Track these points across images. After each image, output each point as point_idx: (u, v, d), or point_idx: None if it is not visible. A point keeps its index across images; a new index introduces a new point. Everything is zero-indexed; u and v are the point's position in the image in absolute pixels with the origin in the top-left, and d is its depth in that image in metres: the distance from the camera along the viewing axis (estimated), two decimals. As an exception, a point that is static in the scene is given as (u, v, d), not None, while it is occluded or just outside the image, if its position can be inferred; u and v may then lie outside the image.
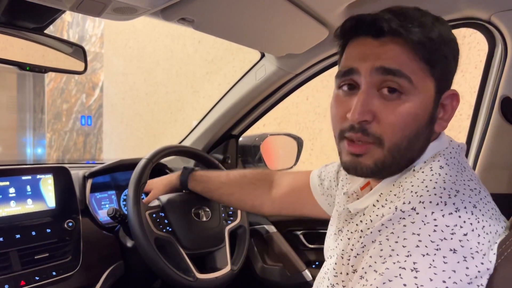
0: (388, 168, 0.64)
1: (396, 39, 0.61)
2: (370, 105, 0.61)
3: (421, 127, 0.63)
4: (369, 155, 0.63)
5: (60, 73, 4.20)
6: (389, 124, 0.61)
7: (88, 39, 4.74)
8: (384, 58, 0.61)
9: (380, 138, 0.62)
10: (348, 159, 0.65)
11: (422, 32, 0.61)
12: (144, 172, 1.13)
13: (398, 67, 0.60)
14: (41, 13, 0.92)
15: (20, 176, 1.08)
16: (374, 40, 0.63)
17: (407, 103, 0.61)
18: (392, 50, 0.61)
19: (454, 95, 0.66)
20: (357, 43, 0.65)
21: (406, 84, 0.60)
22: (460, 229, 0.53)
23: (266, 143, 1.50)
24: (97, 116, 4.84)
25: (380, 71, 0.61)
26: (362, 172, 0.65)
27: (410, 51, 0.61)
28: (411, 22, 0.61)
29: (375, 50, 0.62)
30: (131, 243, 1.17)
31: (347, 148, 0.65)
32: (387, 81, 0.61)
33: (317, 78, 1.33)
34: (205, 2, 0.84)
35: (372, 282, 0.53)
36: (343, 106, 0.65)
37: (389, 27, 0.61)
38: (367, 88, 0.62)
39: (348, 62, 0.65)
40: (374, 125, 0.62)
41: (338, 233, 0.74)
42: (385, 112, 0.61)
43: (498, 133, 1.01)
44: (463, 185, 0.60)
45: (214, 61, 3.66)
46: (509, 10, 0.94)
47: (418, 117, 0.62)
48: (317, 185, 0.97)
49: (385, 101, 0.62)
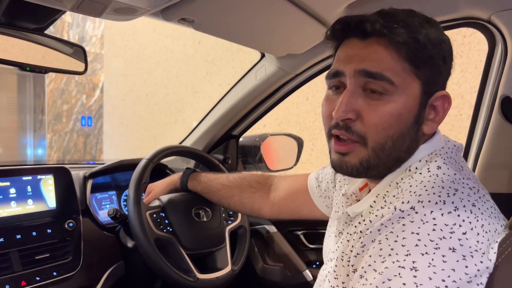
0: (374, 167, 0.65)
1: (381, 40, 0.62)
2: (354, 104, 0.63)
3: (406, 128, 0.64)
4: (354, 154, 0.65)
5: (61, 74, 4.20)
6: (372, 123, 0.63)
7: (88, 40, 4.75)
8: (367, 60, 0.62)
9: (364, 137, 0.63)
10: (335, 157, 0.67)
11: (407, 32, 0.61)
12: (145, 172, 1.13)
13: (380, 70, 0.61)
14: (41, 13, 0.92)
15: (21, 176, 1.08)
16: (360, 42, 0.64)
17: (390, 104, 0.62)
18: (376, 52, 0.62)
19: (446, 96, 0.66)
20: (346, 44, 0.67)
21: (388, 86, 0.62)
22: (459, 228, 0.54)
23: (266, 143, 1.50)
24: (97, 117, 4.85)
25: (362, 73, 0.62)
26: (348, 171, 0.66)
27: (393, 52, 0.62)
28: (396, 23, 0.62)
29: (360, 51, 0.64)
30: (131, 243, 1.17)
31: (334, 146, 0.66)
32: (369, 83, 0.62)
33: (317, 78, 1.33)
34: (205, 2, 0.84)
35: (371, 281, 0.53)
36: (331, 105, 0.66)
37: (372, 28, 0.62)
38: (352, 87, 0.64)
39: (335, 64, 0.67)
40: (357, 123, 0.63)
41: (338, 236, 0.74)
42: (368, 111, 0.63)
43: (498, 132, 1.01)
44: (462, 184, 0.60)
45: (214, 62, 3.67)
46: (509, 10, 0.94)
47: (401, 117, 0.63)
48: (315, 187, 0.98)
49: (369, 100, 0.63)
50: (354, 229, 0.67)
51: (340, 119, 0.63)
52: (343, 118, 0.63)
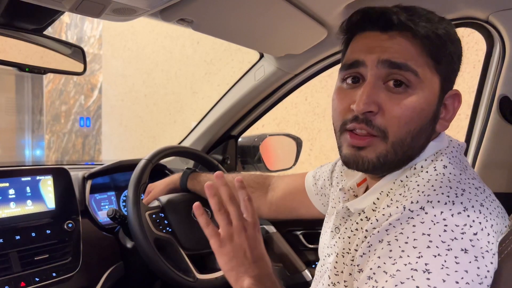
0: (390, 163, 0.63)
1: (404, 33, 0.61)
2: (376, 96, 0.61)
3: (425, 124, 0.62)
4: (372, 149, 0.62)
5: (59, 75, 4.20)
6: (394, 116, 0.60)
7: (86, 40, 4.74)
8: (391, 52, 0.61)
9: (384, 131, 0.61)
10: (349, 151, 0.64)
11: (430, 27, 0.60)
12: (144, 172, 1.12)
13: (405, 61, 0.60)
14: (40, 14, 0.92)
15: (20, 177, 1.07)
16: (382, 34, 0.62)
17: (413, 97, 0.60)
18: (400, 44, 0.61)
19: (457, 95, 0.66)
20: (364, 36, 0.65)
21: (413, 78, 0.60)
22: (469, 229, 0.53)
23: (265, 143, 1.50)
24: (96, 118, 4.84)
25: (387, 64, 0.61)
26: (363, 167, 0.63)
27: (417, 46, 0.61)
28: (419, 17, 0.61)
29: (382, 43, 0.62)
30: (131, 244, 1.17)
31: (350, 140, 0.63)
32: (393, 74, 0.61)
33: (316, 78, 1.33)
34: (204, 2, 0.84)
35: (383, 284, 0.52)
36: (347, 98, 0.64)
37: (399, 20, 0.60)
38: (373, 79, 0.61)
39: (353, 55, 0.64)
40: (378, 117, 0.61)
41: (335, 230, 0.73)
42: (390, 104, 0.61)
43: (497, 132, 1.01)
44: (468, 184, 0.59)
45: (213, 62, 3.66)
46: (507, 10, 0.94)
47: (423, 112, 0.61)
48: (312, 185, 0.98)
49: (391, 93, 0.61)
50: (355, 225, 0.66)
51: (362, 111, 0.61)
52: (365, 111, 0.61)
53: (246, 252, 0.69)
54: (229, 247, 0.69)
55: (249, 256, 0.69)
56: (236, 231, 0.69)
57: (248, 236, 0.69)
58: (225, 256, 0.69)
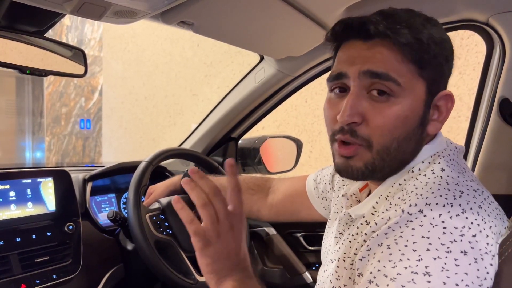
0: (379, 170, 0.64)
1: (384, 42, 0.61)
2: (359, 107, 0.62)
3: (412, 129, 0.63)
4: (359, 157, 0.64)
5: (59, 77, 4.20)
6: (377, 126, 0.62)
7: (87, 42, 4.75)
8: (372, 62, 0.61)
9: (368, 140, 0.62)
10: (340, 161, 0.66)
11: (411, 33, 0.61)
12: (144, 175, 1.13)
13: (385, 71, 0.60)
14: (41, 16, 0.92)
15: (21, 179, 1.08)
16: (363, 43, 0.63)
17: (396, 106, 0.61)
18: (380, 53, 0.61)
19: (449, 96, 0.66)
20: (347, 46, 0.66)
21: (394, 87, 0.61)
22: (468, 231, 0.53)
23: (265, 145, 1.50)
24: (96, 120, 4.84)
25: (368, 74, 0.61)
26: (353, 175, 0.65)
27: (398, 53, 0.61)
28: (399, 24, 0.61)
29: (363, 53, 0.63)
30: (131, 246, 1.17)
31: (338, 150, 0.65)
32: (375, 83, 0.61)
33: (316, 80, 1.34)
34: (204, 5, 0.84)
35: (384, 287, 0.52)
36: (334, 108, 0.65)
37: (376, 30, 0.61)
38: (356, 90, 0.63)
39: (338, 66, 0.66)
40: (362, 127, 0.62)
41: (339, 236, 0.73)
42: (373, 113, 0.62)
43: (497, 134, 1.01)
44: (466, 186, 0.60)
45: (213, 64, 3.67)
46: (507, 12, 0.94)
47: (407, 119, 0.62)
48: (313, 188, 0.98)
49: (374, 102, 0.62)
50: (356, 230, 0.67)
51: (346, 123, 0.62)
52: (348, 122, 0.62)
53: (230, 254, 0.62)
54: (214, 247, 0.62)
55: (234, 258, 0.63)
56: (223, 230, 0.62)
57: (234, 236, 0.63)
58: (208, 258, 0.62)
